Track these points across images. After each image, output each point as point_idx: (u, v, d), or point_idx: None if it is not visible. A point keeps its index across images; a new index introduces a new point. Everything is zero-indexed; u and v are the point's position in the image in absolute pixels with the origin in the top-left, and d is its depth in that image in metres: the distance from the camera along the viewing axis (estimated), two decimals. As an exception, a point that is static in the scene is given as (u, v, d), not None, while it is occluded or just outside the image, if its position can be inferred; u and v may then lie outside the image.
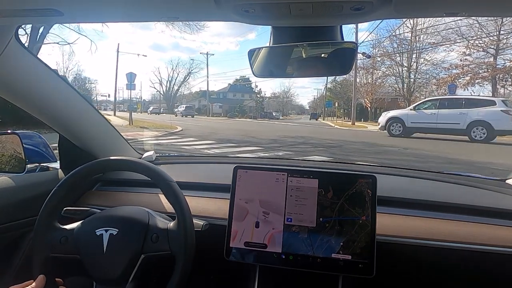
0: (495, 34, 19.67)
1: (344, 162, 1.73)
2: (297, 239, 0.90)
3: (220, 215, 1.00)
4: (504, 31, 19.45)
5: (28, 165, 1.14)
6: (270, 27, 0.74)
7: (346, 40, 0.76)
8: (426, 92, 24.26)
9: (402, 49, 25.18)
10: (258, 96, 43.28)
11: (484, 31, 19.87)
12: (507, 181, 1.12)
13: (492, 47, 19.87)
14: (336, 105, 31.52)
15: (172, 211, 0.82)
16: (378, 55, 25.44)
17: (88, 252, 0.81)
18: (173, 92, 52.34)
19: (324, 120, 33.25)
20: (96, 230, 0.81)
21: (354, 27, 20.62)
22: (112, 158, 0.90)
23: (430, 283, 1.00)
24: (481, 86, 20.74)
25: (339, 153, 7.85)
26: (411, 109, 12.00)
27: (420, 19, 21.63)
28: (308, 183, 0.92)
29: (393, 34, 24.76)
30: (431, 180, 1.16)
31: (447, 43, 21.68)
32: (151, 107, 43.01)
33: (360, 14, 0.60)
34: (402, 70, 25.57)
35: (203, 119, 28.63)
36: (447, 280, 0.98)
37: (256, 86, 47.78)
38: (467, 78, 19.96)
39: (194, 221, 0.84)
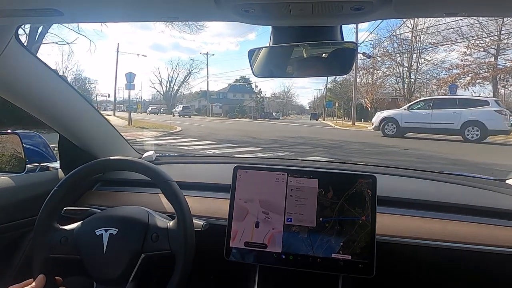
0: (496, 34, 19.62)
1: (344, 162, 1.73)
2: (297, 239, 0.89)
3: (220, 215, 1.00)
4: (505, 31, 19.44)
5: (28, 165, 1.14)
6: (270, 27, 0.74)
7: (346, 40, 0.76)
8: (426, 92, 24.23)
9: (403, 49, 25.19)
10: (258, 96, 43.27)
11: (485, 31, 19.86)
12: (506, 181, 1.12)
13: (493, 47, 19.83)
14: (336, 105, 31.51)
15: (172, 211, 0.82)
16: (379, 55, 25.44)
17: (88, 252, 0.81)
18: (173, 92, 52.43)
19: (324, 120, 33.28)
20: (96, 230, 0.81)
21: (354, 27, 20.62)
22: (112, 158, 0.90)
23: (430, 283, 1.00)
24: (481, 86, 20.72)
25: (339, 153, 7.80)
26: (405, 109, 11.98)
27: (420, 19, 21.62)
28: (308, 183, 0.92)
29: (393, 34, 24.78)
30: (431, 180, 1.16)
31: (447, 43, 21.68)
32: (150, 107, 43.15)
33: (360, 14, 0.60)
34: (402, 70, 25.60)
35: (203, 119, 28.62)
36: (447, 280, 0.98)
37: (256, 86, 47.93)
38: (468, 78, 19.92)
39: (194, 221, 0.84)
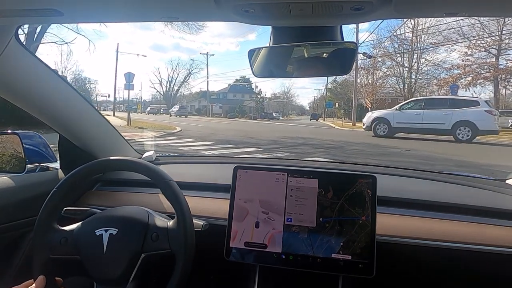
0: (497, 34, 19.50)
1: (344, 162, 1.73)
2: (297, 239, 0.89)
3: (220, 215, 1.00)
4: (506, 31, 19.31)
5: (28, 165, 1.13)
6: (270, 27, 0.74)
7: (346, 40, 0.76)
8: (427, 93, 24.10)
9: (403, 49, 25.13)
10: (258, 96, 43.24)
11: (486, 31, 19.74)
12: (506, 181, 1.12)
13: (494, 47, 19.70)
14: (337, 105, 31.47)
15: (172, 211, 0.82)
16: (379, 56, 25.40)
17: (88, 252, 0.81)
18: (173, 92, 52.45)
19: (324, 120, 33.27)
20: (95, 230, 0.81)
21: (355, 27, 20.62)
22: (112, 158, 0.90)
23: (430, 283, 1.00)
24: (482, 87, 20.62)
25: (340, 154, 7.76)
26: (396, 109, 11.99)
27: (421, 19, 21.57)
28: (308, 183, 0.92)
29: (394, 34, 24.74)
30: (431, 180, 1.16)
31: (448, 43, 21.57)
32: (149, 108, 43.39)
33: (360, 14, 0.60)
34: (403, 71, 25.53)
35: (203, 120, 28.61)
36: (446, 280, 0.98)
37: (256, 87, 47.96)
38: (469, 79, 19.77)
39: (194, 221, 0.84)
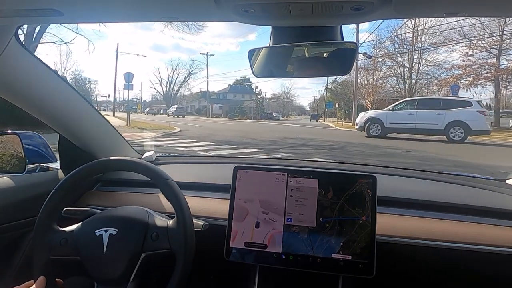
0: (498, 34, 19.33)
1: (344, 162, 1.72)
2: (297, 239, 0.89)
3: (220, 215, 1.00)
4: (508, 31, 19.13)
5: (28, 165, 1.14)
6: (270, 27, 0.74)
7: (346, 40, 0.76)
8: (427, 93, 24.02)
9: (404, 49, 25.05)
10: (258, 97, 43.19)
11: (487, 31, 19.52)
12: (506, 181, 1.13)
13: (495, 47, 19.49)
14: (337, 106, 31.45)
15: (172, 211, 0.82)
16: (379, 56, 25.36)
17: (88, 252, 0.80)
18: (173, 92, 52.51)
19: (324, 121, 33.21)
20: (95, 231, 0.81)
21: (355, 27, 20.59)
22: (112, 158, 0.90)
23: (430, 283, 1.00)
24: (483, 87, 20.50)
25: (340, 155, 7.75)
26: (389, 109, 12.02)
27: (421, 19, 21.49)
28: (308, 183, 0.92)
29: (394, 35, 24.68)
30: (431, 180, 1.16)
31: (449, 44, 21.37)
32: (148, 108, 43.77)
33: (360, 14, 0.60)
34: (403, 71, 25.47)
35: (203, 120, 28.61)
36: (446, 280, 0.98)
37: (257, 87, 47.95)
38: (470, 79, 19.57)
39: (194, 221, 0.84)
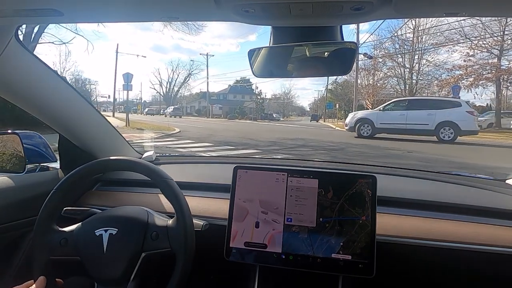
0: (500, 35, 19.18)
1: (344, 162, 1.72)
2: (297, 239, 0.89)
3: (220, 215, 1.00)
4: (509, 31, 18.94)
5: (28, 165, 1.14)
6: (270, 27, 0.74)
7: (346, 40, 0.76)
8: (428, 94, 23.98)
9: (404, 50, 24.99)
10: (258, 97, 43.19)
11: (488, 31, 19.36)
12: (506, 181, 1.13)
13: (496, 47, 19.34)
14: (337, 106, 31.46)
15: (172, 211, 0.82)
16: (380, 56, 25.30)
17: (88, 252, 0.80)
18: (173, 93, 52.52)
19: (324, 121, 33.19)
20: (95, 231, 0.81)
21: (355, 27, 20.56)
22: (112, 158, 0.90)
23: (430, 283, 1.00)
24: (484, 88, 20.36)
25: (340, 156, 7.71)
26: (380, 109, 12.02)
27: (422, 19, 21.38)
28: (308, 183, 0.92)
29: (394, 35, 24.63)
30: (431, 180, 1.16)
31: (450, 44, 21.20)
32: (147, 109, 44.18)
33: (360, 14, 0.60)
34: (404, 71, 25.40)
35: (203, 120, 28.60)
36: (446, 280, 0.98)
37: (257, 88, 47.92)
38: (471, 80, 19.42)
39: (194, 221, 0.84)
